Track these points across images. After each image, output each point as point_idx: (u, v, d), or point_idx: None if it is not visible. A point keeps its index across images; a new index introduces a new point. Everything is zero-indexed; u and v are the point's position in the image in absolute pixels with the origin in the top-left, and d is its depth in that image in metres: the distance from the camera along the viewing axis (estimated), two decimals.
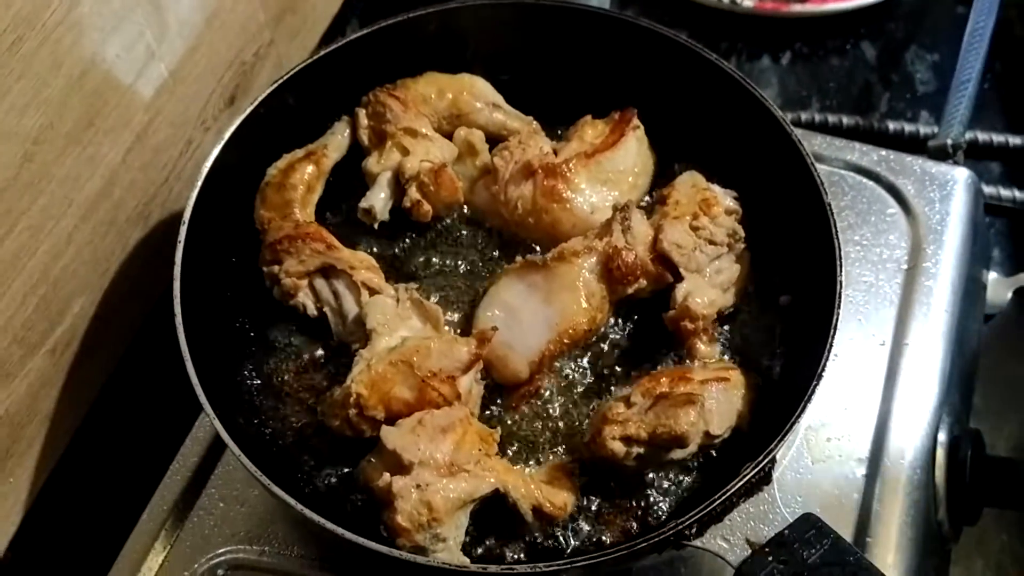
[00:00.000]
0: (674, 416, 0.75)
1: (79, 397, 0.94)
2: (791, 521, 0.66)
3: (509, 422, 0.83)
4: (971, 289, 1.02)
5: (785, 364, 0.85)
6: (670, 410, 0.75)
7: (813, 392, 0.73)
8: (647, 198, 0.95)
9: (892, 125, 1.33)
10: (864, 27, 1.51)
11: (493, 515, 0.78)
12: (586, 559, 0.68)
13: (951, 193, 1.02)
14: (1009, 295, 1.23)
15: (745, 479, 0.68)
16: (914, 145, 1.30)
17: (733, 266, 0.87)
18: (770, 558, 0.64)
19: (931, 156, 1.10)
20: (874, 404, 0.90)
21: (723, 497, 0.68)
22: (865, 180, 1.04)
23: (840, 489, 0.86)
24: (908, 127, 1.33)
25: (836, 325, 0.76)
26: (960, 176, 1.04)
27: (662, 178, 0.95)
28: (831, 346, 0.75)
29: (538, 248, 0.91)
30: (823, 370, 0.73)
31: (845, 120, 1.34)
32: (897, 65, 1.47)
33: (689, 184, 0.90)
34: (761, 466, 0.69)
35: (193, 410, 0.91)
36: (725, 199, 0.88)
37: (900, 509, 0.85)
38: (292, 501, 0.71)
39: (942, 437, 0.89)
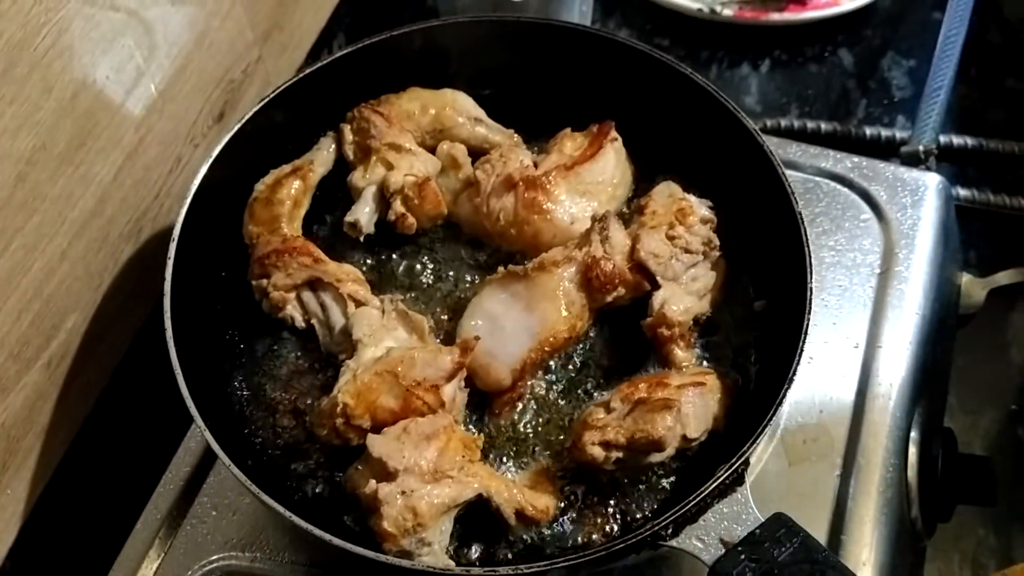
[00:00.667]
0: (651, 421, 0.77)
1: (74, 409, 0.96)
2: (763, 521, 0.69)
3: (492, 429, 0.86)
4: (944, 291, 1.05)
5: (760, 368, 0.87)
6: (647, 415, 0.78)
7: (784, 395, 0.75)
8: (625, 208, 0.97)
9: (869, 130, 1.35)
10: (842, 34, 1.54)
11: (480, 520, 0.80)
12: (566, 560, 0.70)
13: (922, 198, 1.05)
14: (984, 296, 1.26)
15: (719, 480, 0.71)
16: (891, 149, 1.32)
17: (709, 274, 0.89)
18: (742, 556, 0.66)
19: (904, 161, 1.12)
20: (848, 406, 0.93)
21: (697, 498, 0.70)
22: (839, 187, 1.07)
23: (815, 489, 0.89)
24: (885, 132, 1.35)
25: (807, 330, 0.78)
26: (931, 182, 1.07)
27: (641, 188, 0.98)
28: (802, 350, 0.77)
29: (521, 259, 0.93)
30: (794, 374, 0.76)
31: (823, 126, 1.37)
32: (874, 71, 1.50)
33: (666, 194, 0.92)
34: (734, 468, 0.72)
35: (185, 421, 0.93)
36: (700, 208, 0.90)
37: (873, 507, 0.87)
38: (281, 508, 0.73)
39: (915, 435, 0.92)
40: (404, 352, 0.81)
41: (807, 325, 0.78)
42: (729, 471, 0.71)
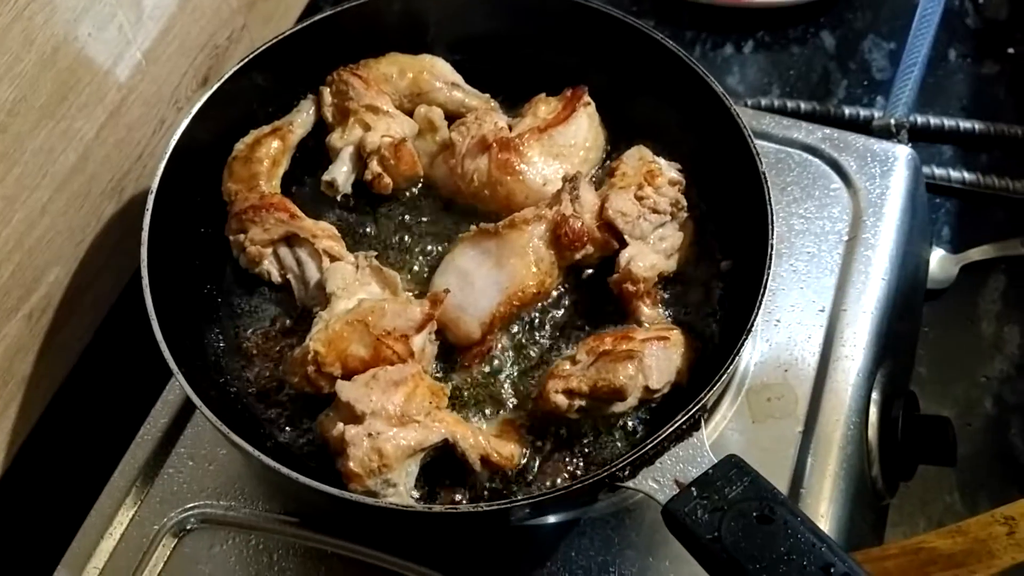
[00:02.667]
0: (613, 371, 0.79)
1: (56, 363, 0.98)
2: (716, 462, 0.71)
3: (461, 381, 0.87)
4: (910, 261, 1.07)
5: (723, 326, 0.89)
6: (610, 365, 0.80)
7: (742, 345, 0.77)
8: (598, 172, 0.99)
9: (848, 110, 1.37)
10: (824, 16, 1.56)
11: (447, 468, 0.82)
12: (526, 499, 0.73)
13: (892, 169, 1.07)
14: (956, 271, 1.28)
15: (675, 425, 0.73)
16: (868, 128, 1.34)
17: (676, 234, 0.91)
18: (694, 495, 0.68)
19: (876, 135, 1.14)
20: (812, 366, 0.95)
21: (654, 442, 0.72)
22: (810, 157, 1.09)
23: (777, 445, 0.91)
24: (863, 112, 1.37)
25: (766, 284, 0.80)
26: (901, 153, 1.09)
27: (613, 154, 1.00)
28: (761, 303, 0.79)
29: (495, 219, 0.95)
30: (752, 325, 0.78)
31: (803, 105, 1.39)
32: (855, 53, 1.52)
33: (636, 157, 0.94)
34: (691, 414, 0.74)
35: (165, 376, 0.95)
36: (669, 171, 0.93)
37: (833, 463, 0.89)
38: (251, 449, 0.75)
39: (875, 396, 0.94)
40: (375, 303, 0.83)
41: (767, 279, 0.80)
42: (686, 417, 0.73)
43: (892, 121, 1.15)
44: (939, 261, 1.29)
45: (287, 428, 0.86)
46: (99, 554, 0.88)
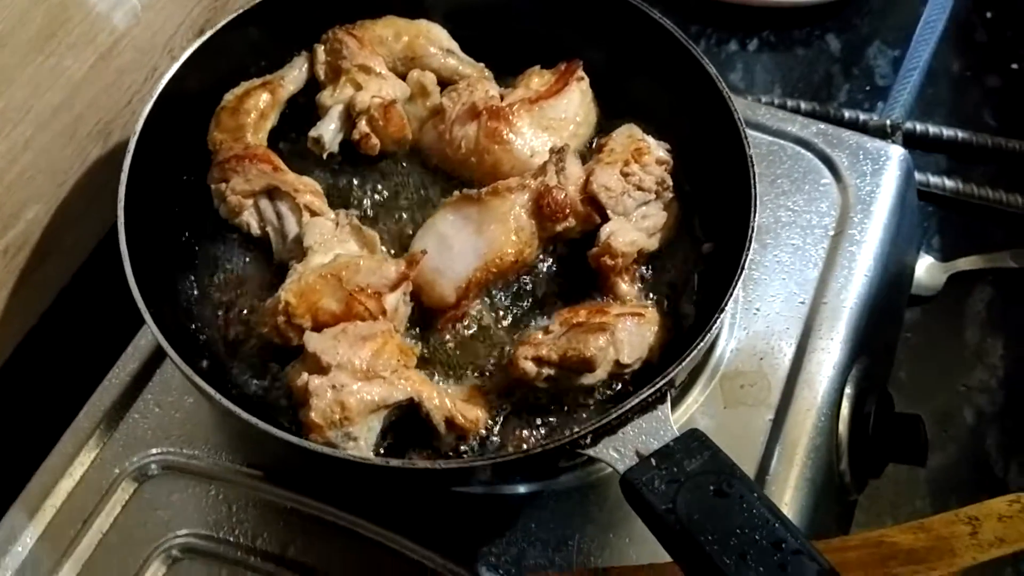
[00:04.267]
0: (584, 341, 0.79)
1: (30, 301, 0.98)
2: (678, 436, 0.70)
3: (433, 345, 0.87)
4: (896, 262, 1.06)
5: (700, 308, 0.88)
6: (581, 335, 0.79)
7: (715, 323, 0.76)
8: (588, 149, 0.99)
9: (848, 113, 1.37)
10: (831, 20, 1.56)
11: (414, 432, 0.82)
12: (484, 460, 0.72)
13: (883, 167, 1.06)
14: (944, 280, 1.28)
15: (641, 397, 0.72)
16: (866, 131, 1.34)
17: (660, 213, 0.91)
18: (653, 465, 0.68)
19: (871, 135, 1.14)
20: (788, 357, 0.94)
21: (619, 412, 0.72)
22: (802, 150, 1.08)
23: (747, 432, 0.90)
24: (863, 115, 1.37)
25: (744, 267, 0.79)
26: (894, 153, 1.08)
27: (604, 131, 0.99)
28: (736, 285, 0.78)
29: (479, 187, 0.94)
30: (725, 305, 0.77)
31: (803, 105, 1.39)
32: (859, 58, 1.51)
33: (625, 135, 0.94)
34: (658, 387, 0.73)
35: (139, 323, 0.95)
36: (658, 150, 0.92)
37: (801, 453, 0.89)
38: (215, 394, 0.74)
39: (849, 391, 0.93)
40: (351, 259, 0.83)
41: (744, 261, 0.80)
42: (652, 390, 0.73)
43: (888, 122, 1.15)
44: (927, 268, 1.29)
45: (254, 379, 0.86)
46: (57, 493, 0.88)
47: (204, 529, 0.86)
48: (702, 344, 0.76)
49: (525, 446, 0.81)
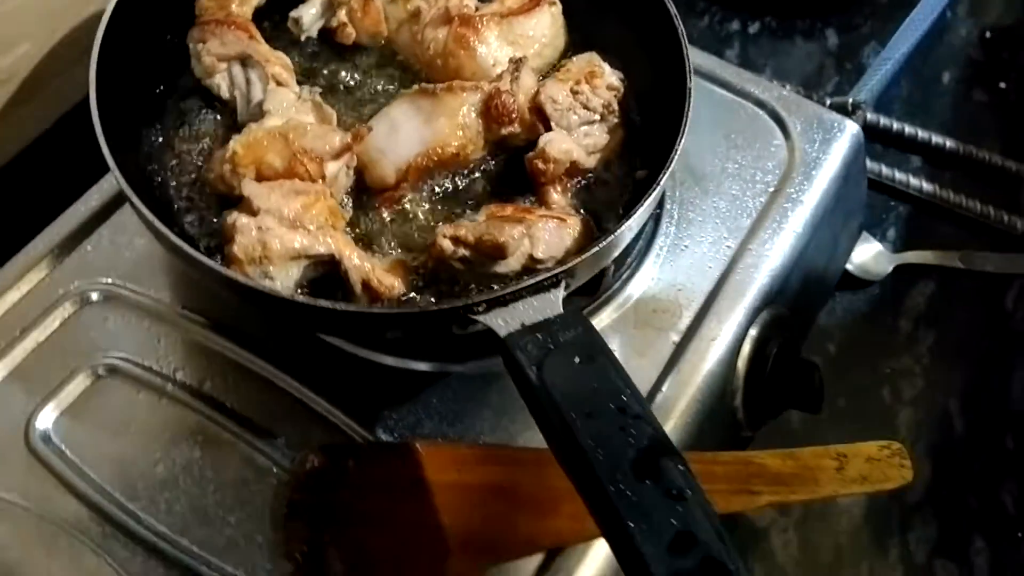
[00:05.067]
0: (500, 228, 0.84)
1: (9, 135, 1.04)
2: (562, 313, 0.75)
3: (367, 222, 0.93)
4: (828, 230, 1.11)
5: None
6: (499, 223, 0.85)
7: (621, 226, 0.81)
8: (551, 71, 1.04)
9: (829, 101, 1.41)
10: (834, 16, 1.60)
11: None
12: (381, 310, 0.78)
13: (833, 138, 1.11)
14: (890, 268, 1.33)
15: (537, 279, 0.77)
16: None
17: (603, 136, 0.96)
18: (532, 333, 0.73)
19: (831, 110, 1.18)
20: (704, 291, 0.99)
21: (514, 288, 0.77)
22: (760, 111, 1.13)
23: (650, 351, 0.95)
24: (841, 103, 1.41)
25: (660, 182, 0.84)
26: (848, 127, 1.12)
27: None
28: (646, 203, 0.83)
29: None
30: (634, 212, 0.82)
31: (788, 87, 1.43)
32: (854, 57, 1.56)
33: (584, 60, 0.99)
34: (555, 273, 0.78)
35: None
36: (611, 77, 0.97)
37: (697, 379, 0.94)
38: (161, 227, 0.79)
39: (753, 332, 0.98)
40: (300, 122, 0.89)
41: (662, 178, 0.84)
42: (550, 275, 0.78)
43: (850, 100, 1.19)
44: (875, 255, 1.34)
45: (198, 226, 0.92)
46: (3, 302, 0.94)
47: (131, 355, 0.92)
48: (605, 244, 0.81)
49: None
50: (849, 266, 1.31)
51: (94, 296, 0.96)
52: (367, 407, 0.91)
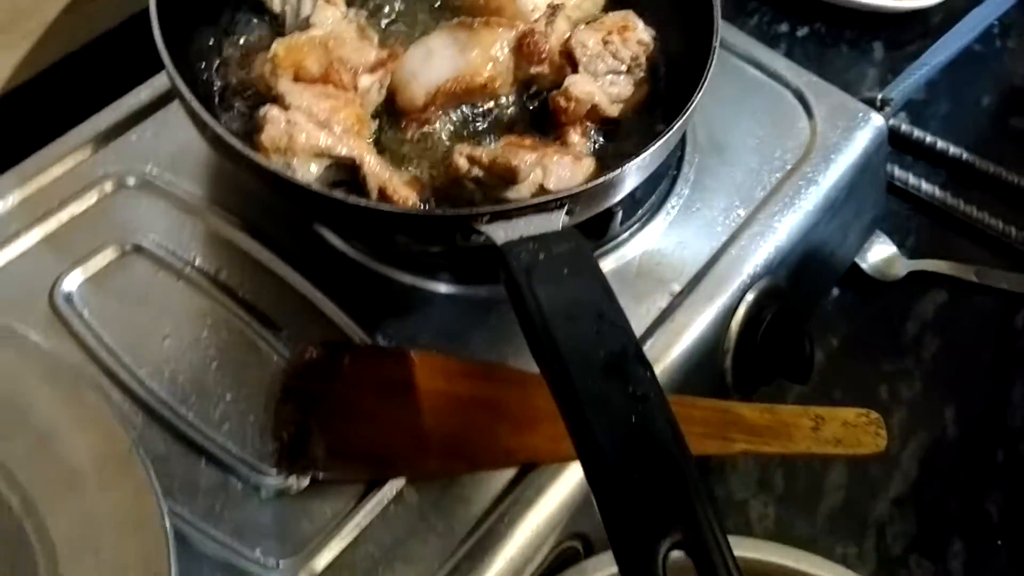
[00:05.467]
0: (514, 153, 0.88)
1: (79, 26, 1.11)
2: (560, 230, 0.79)
3: (392, 138, 0.97)
4: (838, 216, 1.13)
5: None
6: (514, 149, 0.89)
7: (624, 167, 0.84)
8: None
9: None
10: (884, 31, 1.62)
11: None
12: (391, 207, 0.83)
13: (857, 127, 1.13)
14: (904, 273, 1.34)
15: (541, 200, 0.81)
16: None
17: (627, 87, 1.00)
18: (528, 244, 0.76)
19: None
20: (708, 252, 1.02)
21: (519, 205, 0.81)
22: (788, 93, 1.16)
23: (647, 299, 0.98)
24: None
25: (667, 136, 0.87)
26: (873, 119, 1.15)
27: None
28: (655, 145, 0.86)
29: None
30: (636, 157, 0.85)
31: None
32: (897, 71, 1.57)
33: (620, 15, 1.03)
34: (560, 198, 0.82)
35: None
36: (643, 33, 1.01)
37: (689, 332, 0.97)
38: (202, 113, 0.84)
39: (750, 297, 1.01)
40: (341, 33, 0.94)
41: (668, 133, 0.87)
42: (554, 199, 0.82)
43: (879, 96, 1.21)
44: (891, 257, 1.35)
45: (235, 125, 0.97)
46: (47, 174, 1.00)
47: (157, 237, 0.98)
48: (611, 176, 0.84)
49: None
50: (863, 265, 1.33)
51: (131, 181, 1.01)
52: (371, 314, 0.95)
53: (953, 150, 1.45)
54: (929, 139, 1.46)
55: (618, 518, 0.61)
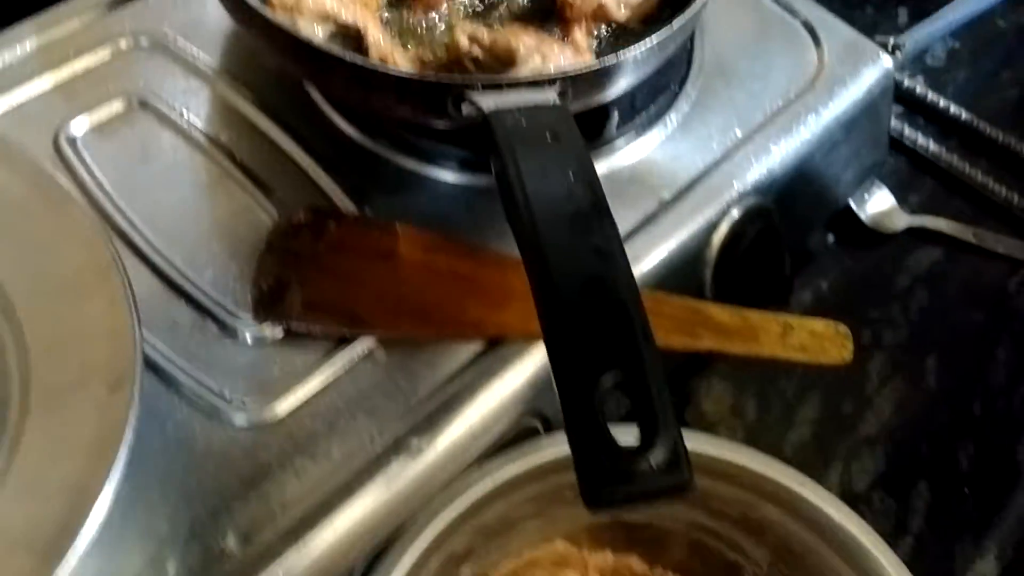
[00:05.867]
0: (516, 34, 0.90)
1: None
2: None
3: (400, 17, 0.99)
4: (836, 153, 1.14)
5: None
6: (516, 30, 0.91)
7: (624, 54, 0.86)
8: None
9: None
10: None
11: None
12: (384, 68, 0.85)
13: (863, 65, 1.14)
14: (901, 227, 1.35)
15: (536, 78, 0.83)
16: None
17: None
18: (515, 112, 0.78)
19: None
20: (699, 167, 1.03)
21: (513, 80, 0.83)
22: (799, 26, 1.17)
23: (637, 203, 0.99)
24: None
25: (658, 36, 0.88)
26: (882, 59, 1.15)
27: None
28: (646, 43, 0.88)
29: None
30: (630, 50, 0.87)
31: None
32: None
33: None
34: (554, 78, 0.83)
35: None
36: None
37: (673, 237, 0.97)
38: None
39: (735, 213, 1.02)
40: None
41: (679, 23, 0.89)
42: (549, 78, 0.83)
43: (891, 40, 1.22)
44: (890, 210, 1.36)
45: None
46: (65, 26, 1.03)
47: (164, 95, 1.01)
48: (607, 64, 0.86)
49: None
50: (862, 215, 1.33)
51: (145, 41, 1.04)
52: (362, 190, 0.97)
53: (966, 116, 1.45)
54: (943, 103, 1.46)
55: (563, 350, 0.63)
